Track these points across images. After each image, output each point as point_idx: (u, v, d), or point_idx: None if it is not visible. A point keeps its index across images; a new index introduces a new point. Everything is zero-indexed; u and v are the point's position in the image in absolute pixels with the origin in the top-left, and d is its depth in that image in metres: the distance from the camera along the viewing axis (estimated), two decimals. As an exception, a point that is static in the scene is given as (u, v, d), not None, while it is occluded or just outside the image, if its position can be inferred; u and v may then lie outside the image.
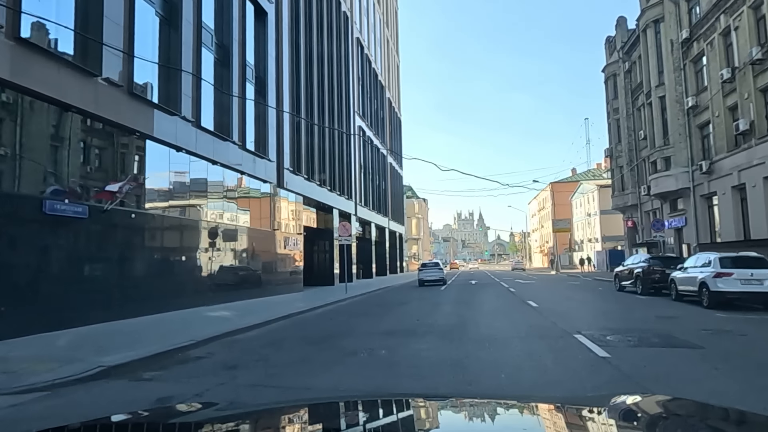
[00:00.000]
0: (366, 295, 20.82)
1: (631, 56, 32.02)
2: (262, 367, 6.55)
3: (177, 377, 6.19)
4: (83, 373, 6.18)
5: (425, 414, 1.69)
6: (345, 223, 21.42)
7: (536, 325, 9.65)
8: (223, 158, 16.78)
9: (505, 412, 1.72)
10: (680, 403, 1.83)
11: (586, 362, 6.23)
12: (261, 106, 20.22)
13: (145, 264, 12.86)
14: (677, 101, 24.84)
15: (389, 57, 54.33)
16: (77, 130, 10.90)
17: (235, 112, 17.66)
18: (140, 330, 9.78)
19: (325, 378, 5.83)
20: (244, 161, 18.35)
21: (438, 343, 7.88)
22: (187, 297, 14.01)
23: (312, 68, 26.62)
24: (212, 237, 16.30)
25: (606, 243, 50.56)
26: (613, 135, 35.06)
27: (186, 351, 8.01)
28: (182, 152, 14.64)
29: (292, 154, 23.31)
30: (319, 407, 1.84)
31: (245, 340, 9.03)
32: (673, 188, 25.22)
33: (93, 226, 10.94)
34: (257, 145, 19.67)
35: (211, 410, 1.85)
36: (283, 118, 22.11)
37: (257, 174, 19.40)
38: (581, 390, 4.94)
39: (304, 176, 24.61)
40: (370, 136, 41.60)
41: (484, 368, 6.17)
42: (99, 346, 7.82)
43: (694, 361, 6.25)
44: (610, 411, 1.58)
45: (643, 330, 8.68)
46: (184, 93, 14.40)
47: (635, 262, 18.56)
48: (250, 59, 19.49)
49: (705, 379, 5.34)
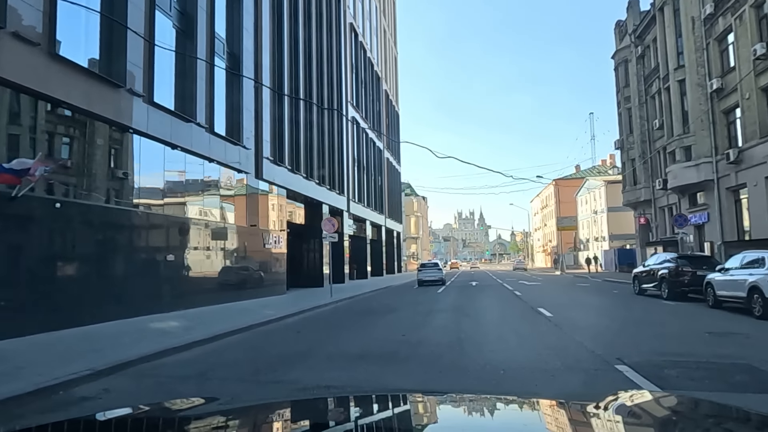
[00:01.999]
0: (353, 299, 18.54)
1: (644, 40, 29.69)
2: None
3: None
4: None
5: (424, 409, 1.66)
6: (330, 219, 19.13)
7: (558, 346, 7.31)
8: (185, 142, 14.50)
9: (505, 408, 1.69)
10: (683, 400, 1.82)
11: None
12: (235, 88, 17.95)
13: (73, 264, 10.59)
14: (699, 84, 22.50)
15: (386, 47, 52.02)
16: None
17: (200, 90, 15.36)
18: (35, 350, 7.51)
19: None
20: (212, 147, 16.06)
21: (423, 376, 5.61)
22: (131, 304, 11.72)
23: (297, 50, 24.31)
24: (169, 232, 14.03)
25: (614, 242, 48.18)
26: (624, 125, 32.71)
27: (72, 387, 5.74)
28: (129, 132, 12.38)
29: (273, 142, 21.02)
30: (320, 402, 1.97)
31: (169, 366, 6.76)
32: (694, 180, 22.89)
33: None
34: (230, 131, 17.38)
35: (214, 404, 1.83)
36: (262, 101, 19.83)
37: (229, 162, 17.10)
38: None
39: (287, 167, 22.31)
40: (365, 128, 39.28)
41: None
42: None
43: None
44: (612, 407, 1.52)
45: (707, 356, 6.29)
46: (131, 61, 12.12)
47: (659, 262, 16.26)
48: (221, 32, 17.20)
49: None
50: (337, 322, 11.42)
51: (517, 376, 5.54)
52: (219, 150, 16.51)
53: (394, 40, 58.27)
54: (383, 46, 50.44)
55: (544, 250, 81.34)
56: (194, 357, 7.36)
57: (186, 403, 2.12)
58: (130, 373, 6.28)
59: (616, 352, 6.46)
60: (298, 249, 27.63)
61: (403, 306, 15.13)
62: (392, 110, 53.42)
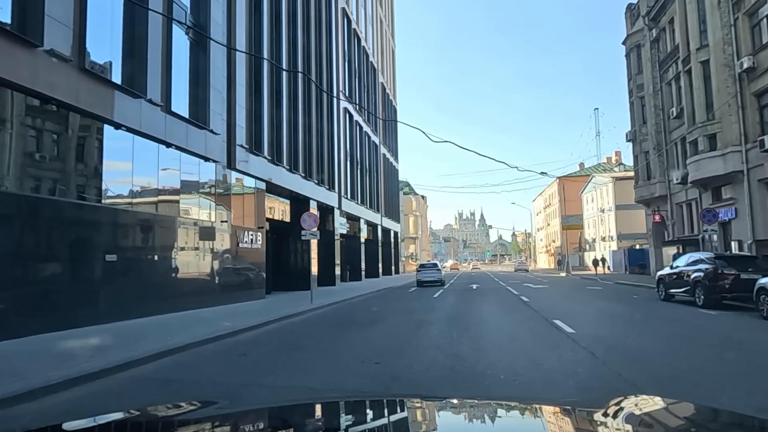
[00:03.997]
0: (337, 306, 16.23)
1: (659, 21, 27.33)
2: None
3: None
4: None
5: (425, 415, 1.62)
6: (311, 214, 16.82)
7: (601, 387, 4.98)
8: (130, 120, 12.19)
9: (507, 414, 1.65)
10: (701, 409, 1.71)
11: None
12: (201, 64, 15.65)
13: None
14: (726, 65, 20.16)
15: (383, 39, 49.70)
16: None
17: (154, 61, 13.05)
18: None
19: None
20: (170, 130, 13.75)
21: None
22: (53, 316, 9.42)
23: (280, 29, 21.98)
24: (110, 227, 11.72)
25: (622, 241, 45.78)
26: (637, 116, 30.34)
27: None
28: (51, 105, 10.07)
29: (249, 128, 18.71)
30: (318, 406, 1.86)
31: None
32: (720, 172, 20.54)
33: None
34: (194, 113, 15.10)
35: (211, 408, 1.82)
36: (235, 80, 17.52)
37: (192, 148, 14.78)
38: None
39: (267, 158, 19.98)
40: (359, 121, 36.95)
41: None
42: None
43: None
44: (622, 415, 1.47)
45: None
46: (49, 15, 9.80)
47: (690, 263, 13.92)
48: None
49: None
50: (301, 338, 9.10)
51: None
52: (178, 133, 14.20)
53: (392, 33, 55.98)
54: (379, 37, 48.15)
55: (547, 251, 78.89)
56: (44, 408, 4.98)
57: (182, 409, 1.88)
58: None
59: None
60: (284, 249, 25.34)
61: (391, 315, 12.81)
62: (389, 104, 51.08)
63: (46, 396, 5.25)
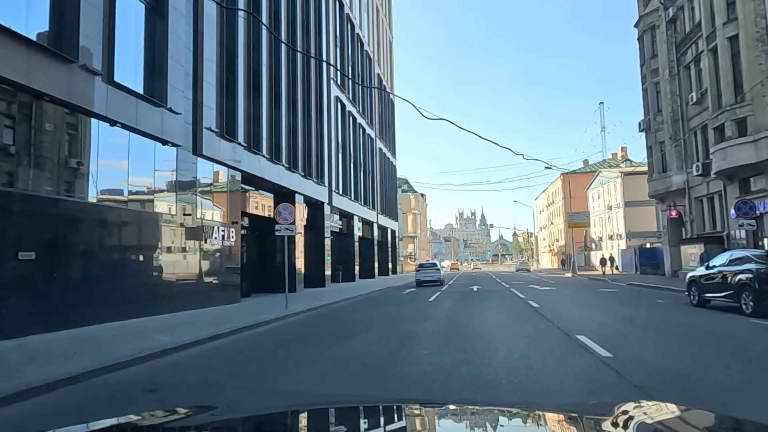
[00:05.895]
0: (315, 312, 14.05)
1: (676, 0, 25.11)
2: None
3: None
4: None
5: (424, 423, 1.56)
6: (286, 206, 14.61)
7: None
8: (61, 92, 10.01)
9: (509, 422, 1.55)
10: (720, 419, 1.67)
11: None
12: (157, 30, 13.46)
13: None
14: (758, 39, 17.95)
15: (379, 29, 47.52)
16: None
17: (90, 20, 10.86)
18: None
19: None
20: (114, 104, 11.54)
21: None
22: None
23: (260, 5, 19.80)
24: (38, 219, 9.54)
25: (631, 240, 43.51)
26: (651, 104, 28.08)
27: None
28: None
29: (220, 110, 16.51)
30: (317, 412, 1.78)
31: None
32: (750, 161, 18.32)
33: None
34: (149, 87, 12.93)
35: (207, 414, 1.73)
36: (202, 53, 15.34)
37: (143, 128, 12.56)
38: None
39: (242, 144, 17.79)
40: (352, 112, 34.73)
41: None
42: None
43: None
44: (633, 425, 1.34)
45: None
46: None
47: (732, 262, 11.70)
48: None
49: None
50: (245, 363, 6.88)
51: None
52: (127, 110, 12.00)
53: (389, 23, 53.82)
54: (376, 26, 45.97)
55: (550, 250, 76.58)
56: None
57: (182, 412, 1.87)
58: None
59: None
60: (267, 247, 23.11)
61: (374, 325, 10.59)
62: (386, 96, 48.83)
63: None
